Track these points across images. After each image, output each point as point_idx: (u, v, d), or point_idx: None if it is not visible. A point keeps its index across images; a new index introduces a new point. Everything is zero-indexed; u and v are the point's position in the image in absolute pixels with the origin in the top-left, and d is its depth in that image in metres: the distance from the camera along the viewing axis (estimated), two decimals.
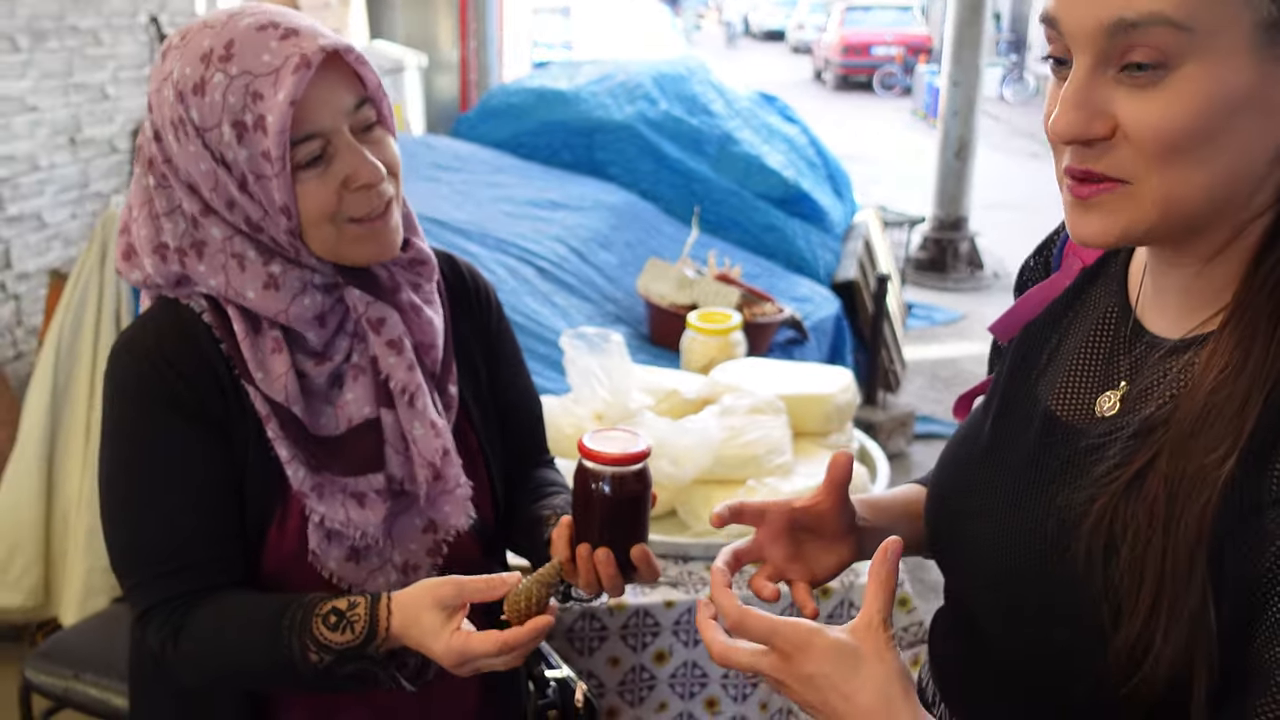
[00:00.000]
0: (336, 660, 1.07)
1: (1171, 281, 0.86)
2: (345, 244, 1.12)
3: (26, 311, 3.84)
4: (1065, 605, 0.82)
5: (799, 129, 5.30)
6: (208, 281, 1.11)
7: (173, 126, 1.07)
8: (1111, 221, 0.78)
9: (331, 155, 1.09)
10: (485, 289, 1.36)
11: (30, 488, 2.74)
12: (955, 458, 1.02)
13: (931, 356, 5.89)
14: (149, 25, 4.51)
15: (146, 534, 1.12)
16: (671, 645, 1.91)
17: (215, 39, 1.06)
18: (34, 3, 3.79)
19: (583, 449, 1.11)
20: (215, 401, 1.12)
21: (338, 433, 1.15)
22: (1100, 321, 0.93)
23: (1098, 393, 0.89)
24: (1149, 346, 0.87)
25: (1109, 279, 0.95)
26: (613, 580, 1.12)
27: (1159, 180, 0.76)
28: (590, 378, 2.11)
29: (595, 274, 3.72)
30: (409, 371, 1.16)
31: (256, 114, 1.04)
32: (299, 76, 1.03)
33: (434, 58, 6.74)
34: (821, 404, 2.22)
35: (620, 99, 4.86)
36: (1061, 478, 0.86)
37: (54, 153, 3.96)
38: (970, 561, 0.94)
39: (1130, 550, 0.76)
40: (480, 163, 4.53)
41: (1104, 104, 0.76)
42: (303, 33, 1.07)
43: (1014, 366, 0.99)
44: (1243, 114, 0.73)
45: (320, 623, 1.07)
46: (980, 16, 6.89)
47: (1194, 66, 0.73)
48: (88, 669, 2.09)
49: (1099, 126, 0.76)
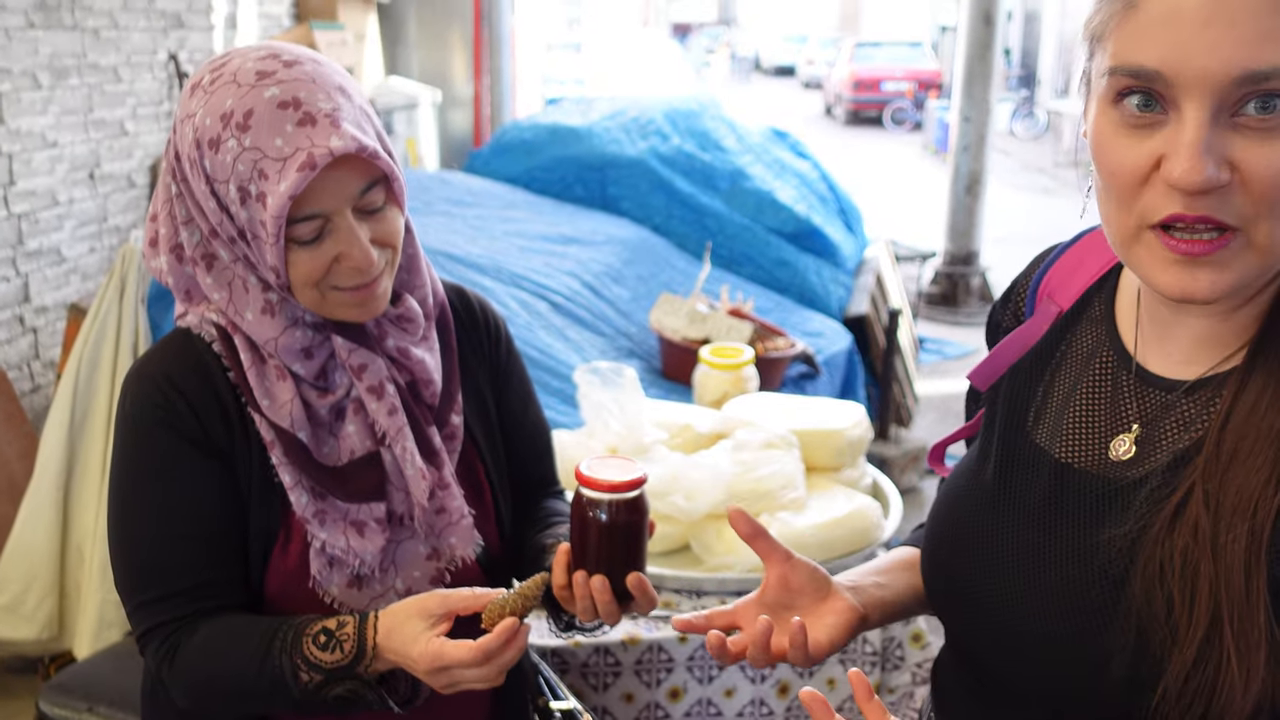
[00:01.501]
0: (326, 680, 1.09)
1: (1185, 327, 0.86)
2: (330, 306, 1.15)
3: (44, 345, 3.87)
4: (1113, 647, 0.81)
5: (810, 164, 5.33)
6: (212, 295, 1.15)
7: (189, 161, 1.10)
8: (1225, 275, 0.77)
9: (329, 233, 1.10)
10: (495, 320, 1.38)
11: (46, 520, 2.75)
12: (955, 510, 1.00)
13: (944, 391, 5.88)
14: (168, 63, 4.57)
15: (148, 557, 1.15)
16: (685, 682, 1.90)
17: (238, 102, 1.07)
18: (56, 40, 3.85)
19: (579, 476, 1.12)
20: (220, 430, 1.15)
21: (340, 463, 1.17)
22: (1095, 366, 0.92)
23: (1109, 437, 0.88)
24: (1160, 389, 0.87)
25: (1092, 322, 0.95)
26: (608, 608, 1.12)
27: (1267, 229, 0.75)
28: (603, 412, 2.12)
29: (608, 308, 3.73)
30: (389, 416, 1.18)
31: (260, 189, 1.06)
32: (302, 176, 1.05)
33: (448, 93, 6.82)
34: (834, 439, 2.22)
35: (633, 134, 4.90)
36: (1094, 523, 0.85)
37: (73, 188, 4.00)
38: (989, 613, 0.92)
39: (1180, 577, 0.76)
40: (494, 198, 4.56)
41: (1224, 150, 0.74)
42: (319, 124, 1.06)
43: (1006, 414, 0.98)
44: None
45: (310, 642, 1.10)
46: (990, 52, 6.93)
47: None
48: (101, 702, 2.09)
49: (1225, 174, 0.74)
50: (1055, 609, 0.86)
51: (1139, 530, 0.81)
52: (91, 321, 2.82)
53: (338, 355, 1.18)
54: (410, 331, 1.22)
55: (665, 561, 2.02)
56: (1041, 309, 0.99)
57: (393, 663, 1.10)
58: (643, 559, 1.15)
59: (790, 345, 3.42)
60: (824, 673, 1.94)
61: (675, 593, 1.98)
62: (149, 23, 4.42)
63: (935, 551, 1.01)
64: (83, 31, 3.99)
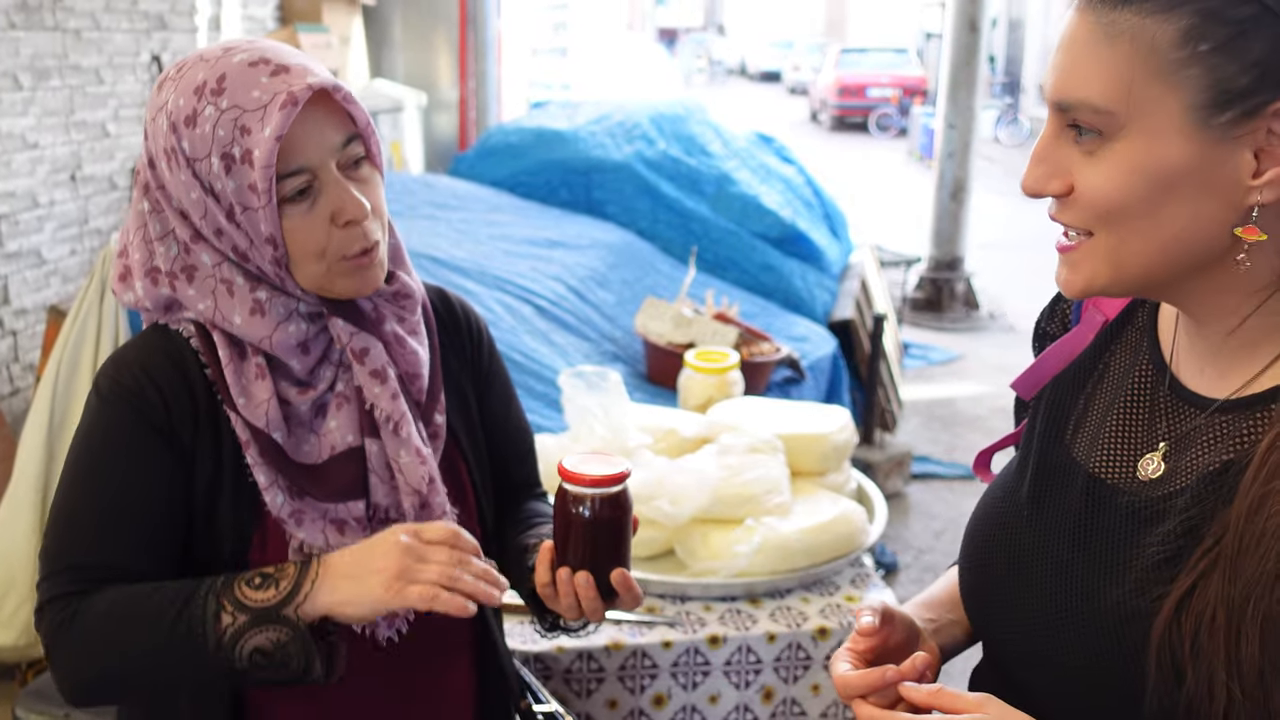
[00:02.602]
0: (250, 622, 1.03)
1: (1203, 342, 0.87)
2: (332, 279, 1.14)
3: (24, 348, 3.84)
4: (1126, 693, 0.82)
5: (796, 169, 5.33)
6: (196, 305, 1.13)
7: (165, 155, 1.09)
8: (1079, 274, 0.84)
9: (318, 190, 1.10)
10: (476, 322, 1.37)
11: (25, 524, 2.72)
12: (991, 522, 0.99)
13: (928, 396, 5.89)
14: (151, 64, 4.54)
15: (79, 527, 1.11)
16: (670, 688, 1.89)
17: (209, 72, 1.08)
18: (37, 41, 3.82)
19: (562, 471, 1.11)
20: (188, 427, 1.13)
21: (319, 461, 1.16)
22: (1134, 379, 0.92)
23: (1139, 454, 0.89)
24: (1191, 405, 0.87)
25: (1136, 333, 0.95)
26: (593, 604, 1.11)
27: (1105, 238, 0.81)
28: (588, 416, 2.11)
29: (593, 312, 3.73)
30: (393, 400, 1.17)
31: (244, 148, 1.06)
32: (285, 113, 1.05)
33: (433, 97, 6.80)
34: (819, 443, 2.22)
35: (618, 139, 4.89)
36: (1122, 543, 0.86)
37: (54, 189, 3.97)
38: (1018, 629, 0.92)
39: (1194, 671, 0.77)
40: (479, 201, 4.55)
41: (1064, 162, 0.82)
42: (293, 70, 1.08)
43: (1046, 425, 0.97)
44: (1182, 189, 0.77)
45: (244, 584, 1.06)
46: (975, 59, 6.95)
47: (1127, 141, 0.78)
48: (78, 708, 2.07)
49: (1056, 185, 0.82)
50: (1079, 633, 0.86)
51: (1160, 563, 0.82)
52: (71, 324, 2.80)
53: (338, 339, 1.17)
54: (408, 310, 1.22)
55: (650, 566, 2.01)
56: (1087, 318, 0.99)
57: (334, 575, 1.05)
58: (626, 555, 1.14)
59: (775, 350, 3.42)
60: (808, 678, 1.93)
61: (660, 598, 1.97)
62: (131, 24, 4.39)
63: (969, 562, 1.00)
64: (64, 32, 3.96)
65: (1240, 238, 0.78)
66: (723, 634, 1.89)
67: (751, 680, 1.92)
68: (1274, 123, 0.75)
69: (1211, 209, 0.78)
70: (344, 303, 1.17)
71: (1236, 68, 0.74)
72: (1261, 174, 0.76)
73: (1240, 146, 0.76)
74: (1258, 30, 0.73)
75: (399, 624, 1.19)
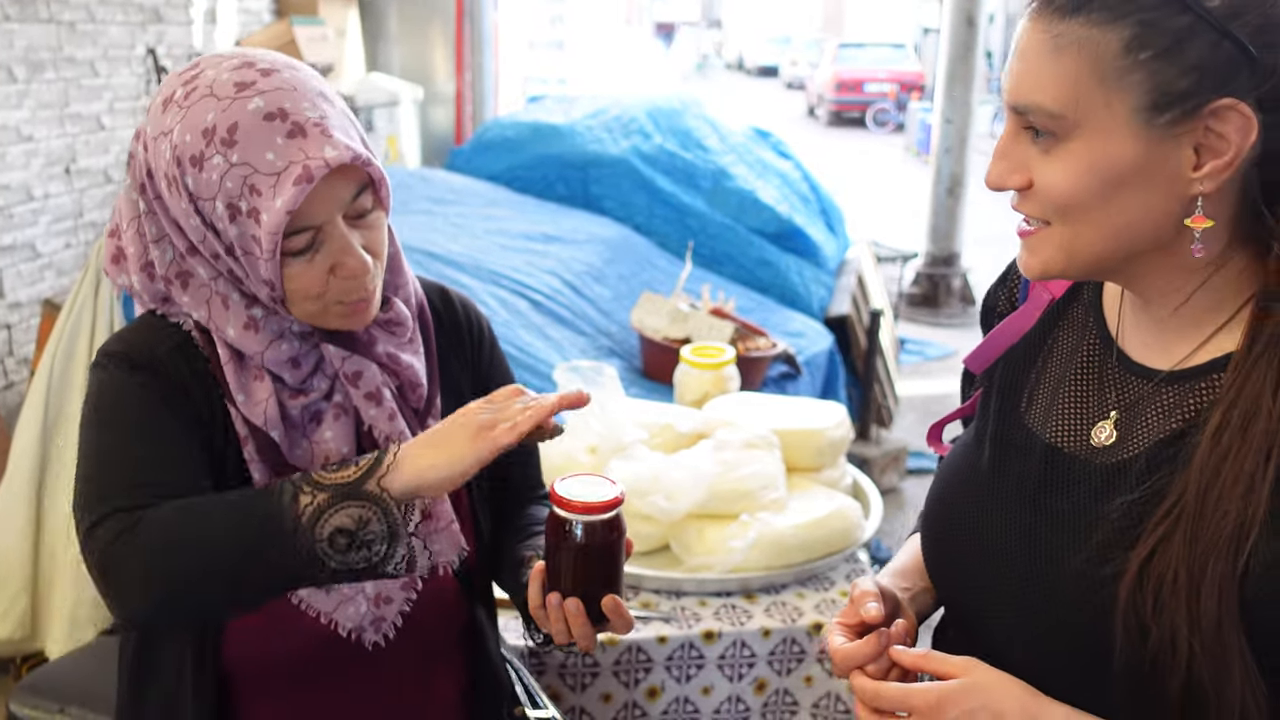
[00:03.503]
0: (330, 499, 0.99)
1: (1148, 317, 0.94)
2: (326, 318, 1.13)
3: (18, 341, 3.83)
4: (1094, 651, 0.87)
5: (793, 164, 5.33)
6: (192, 311, 1.12)
7: (166, 179, 1.07)
8: (1036, 259, 0.92)
9: (320, 242, 1.08)
10: (478, 321, 1.36)
11: (18, 518, 2.72)
12: (952, 492, 1.05)
13: (924, 392, 5.89)
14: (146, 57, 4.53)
15: (116, 464, 1.05)
16: (664, 681, 1.89)
17: (220, 116, 1.03)
18: (32, 33, 3.81)
19: (553, 496, 1.08)
20: (203, 408, 1.12)
21: (311, 467, 1.15)
22: (1083, 352, 1.00)
23: (1092, 423, 0.95)
24: (1138, 376, 0.94)
25: (1082, 309, 1.03)
26: (583, 630, 1.09)
27: (1060, 228, 0.89)
28: (583, 411, 2.10)
29: (589, 307, 3.72)
30: (390, 421, 1.17)
31: (251, 205, 1.04)
32: (299, 189, 1.02)
33: (430, 90, 6.78)
34: (814, 439, 2.22)
35: (615, 133, 4.89)
36: (1080, 507, 0.92)
37: (49, 182, 3.96)
38: (984, 591, 0.98)
39: (1158, 628, 0.83)
40: (475, 195, 4.54)
41: (1023, 158, 0.89)
42: (309, 137, 1.04)
43: (1001, 399, 1.03)
44: (1131, 183, 0.85)
45: (319, 470, 1.04)
46: (972, 54, 6.94)
47: (1079, 141, 0.85)
48: (73, 702, 2.07)
49: (1016, 179, 0.90)
50: (1045, 598, 0.91)
51: (1119, 531, 0.88)
52: (66, 317, 2.79)
53: (330, 363, 1.16)
54: (398, 335, 1.21)
55: (645, 561, 2.01)
56: (1034, 296, 1.06)
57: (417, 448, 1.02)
58: (619, 580, 1.11)
59: (771, 345, 3.42)
60: (801, 670, 1.93)
61: (655, 593, 1.97)
62: (126, 16, 4.38)
63: (933, 532, 1.06)
64: (59, 25, 3.95)
65: (1190, 227, 0.85)
66: (718, 629, 1.89)
67: (745, 673, 1.92)
68: (1210, 121, 0.82)
69: (1158, 200, 0.85)
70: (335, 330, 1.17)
71: (1175, 72, 0.81)
72: (1201, 167, 0.83)
73: (1181, 143, 0.83)
74: (1193, 38, 0.81)
75: (386, 629, 1.18)
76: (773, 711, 1.95)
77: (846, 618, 1.00)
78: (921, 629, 1.11)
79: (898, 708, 0.91)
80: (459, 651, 1.30)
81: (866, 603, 0.98)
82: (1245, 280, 0.89)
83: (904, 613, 1.05)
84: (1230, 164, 0.83)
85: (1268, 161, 0.84)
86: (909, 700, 0.90)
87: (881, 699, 0.92)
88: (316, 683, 1.19)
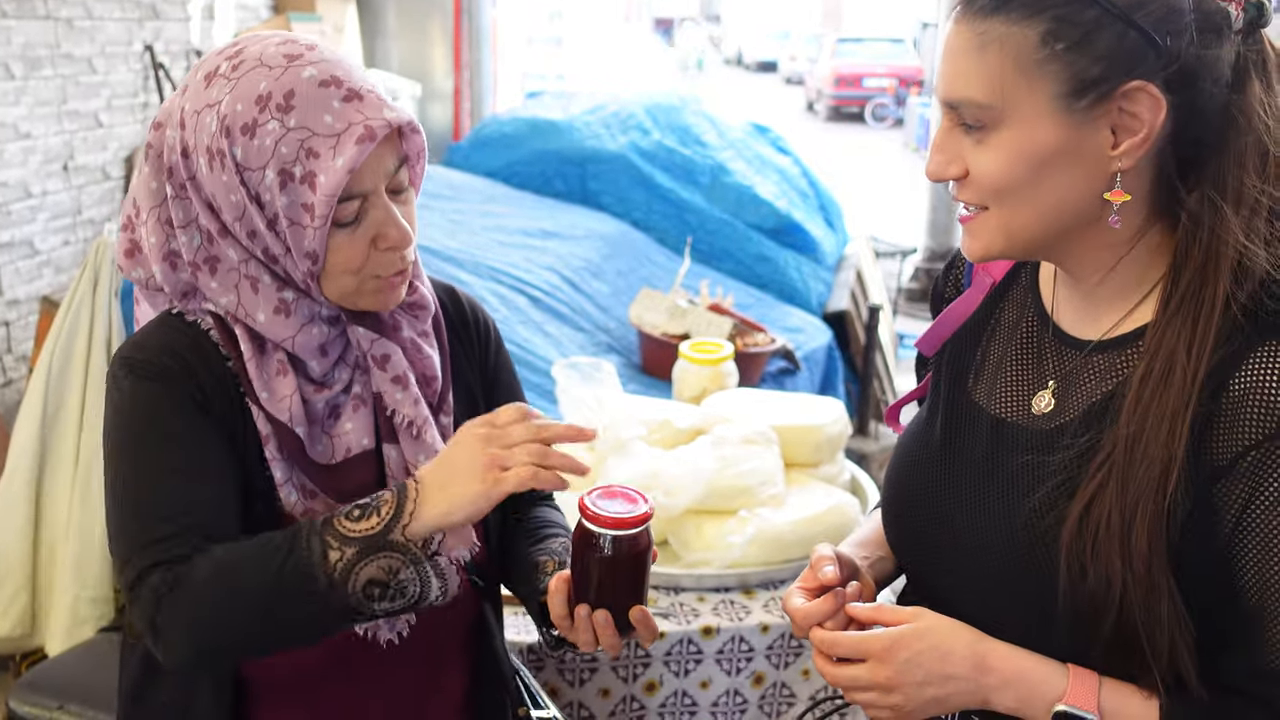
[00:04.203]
0: (359, 553, 1.00)
1: (1078, 292, 1.02)
2: (360, 294, 1.13)
3: (16, 339, 3.84)
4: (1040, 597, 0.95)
5: (791, 160, 5.32)
6: (218, 299, 1.11)
7: (207, 153, 1.06)
8: (973, 243, 0.99)
9: (365, 213, 1.09)
10: (485, 321, 1.37)
11: (18, 516, 2.72)
12: (907, 467, 1.13)
13: None
14: (144, 54, 4.53)
15: (152, 499, 1.06)
16: (662, 675, 1.90)
17: (274, 84, 1.04)
18: (29, 30, 3.81)
19: (583, 509, 1.09)
20: (225, 406, 1.11)
21: (333, 461, 1.15)
22: (1022, 329, 1.08)
23: (1031, 393, 1.04)
24: (1071, 347, 1.02)
25: (1020, 290, 1.11)
26: (611, 640, 1.11)
27: (996, 213, 0.96)
28: (582, 407, 2.11)
29: (587, 303, 3.72)
30: (415, 406, 1.17)
31: (307, 169, 1.04)
32: (361, 148, 1.03)
33: (428, 87, 6.78)
34: (813, 434, 2.22)
35: (613, 129, 4.88)
36: (1025, 470, 1.00)
37: (47, 180, 3.96)
38: (943, 557, 1.06)
39: (1094, 567, 0.91)
40: (473, 191, 4.54)
41: (958, 150, 0.96)
42: (366, 100, 1.06)
43: (950, 377, 1.12)
44: (1057, 164, 0.92)
45: (343, 519, 1.03)
46: None
47: (1007, 129, 0.92)
48: (73, 699, 2.07)
49: (954, 169, 0.97)
50: (997, 556, 0.99)
51: (1050, 505, 0.96)
52: (64, 315, 2.79)
53: (358, 346, 1.16)
54: (421, 319, 1.22)
55: None
56: (978, 281, 1.14)
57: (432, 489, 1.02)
58: (645, 591, 1.13)
59: (770, 341, 3.42)
60: (799, 664, 1.94)
61: (653, 589, 1.97)
62: (124, 13, 4.37)
63: (893, 504, 1.15)
64: (56, 21, 3.94)
65: (1109, 200, 0.92)
66: (716, 624, 1.89)
67: (743, 667, 1.92)
68: (1123, 102, 0.90)
69: (1082, 179, 0.93)
70: (362, 312, 1.17)
71: (1088, 60, 0.89)
72: (1119, 145, 0.91)
73: (1099, 125, 0.91)
74: (1101, 29, 0.89)
75: (401, 626, 1.18)
76: (770, 704, 1.96)
77: (805, 581, 1.07)
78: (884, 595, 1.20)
79: (853, 654, 0.99)
80: (467, 648, 1.31)
81: (823, 566, 1.06)
82: (1163, 253, 0.96)
83: (861, 578, 1.13)
84: (1145, 141, 0.90)
85: (1179, 138, 0.92)
86: (864, 646, 0.98)
87: (839, 647, 1.00)
88: (326, 678, 1.20)
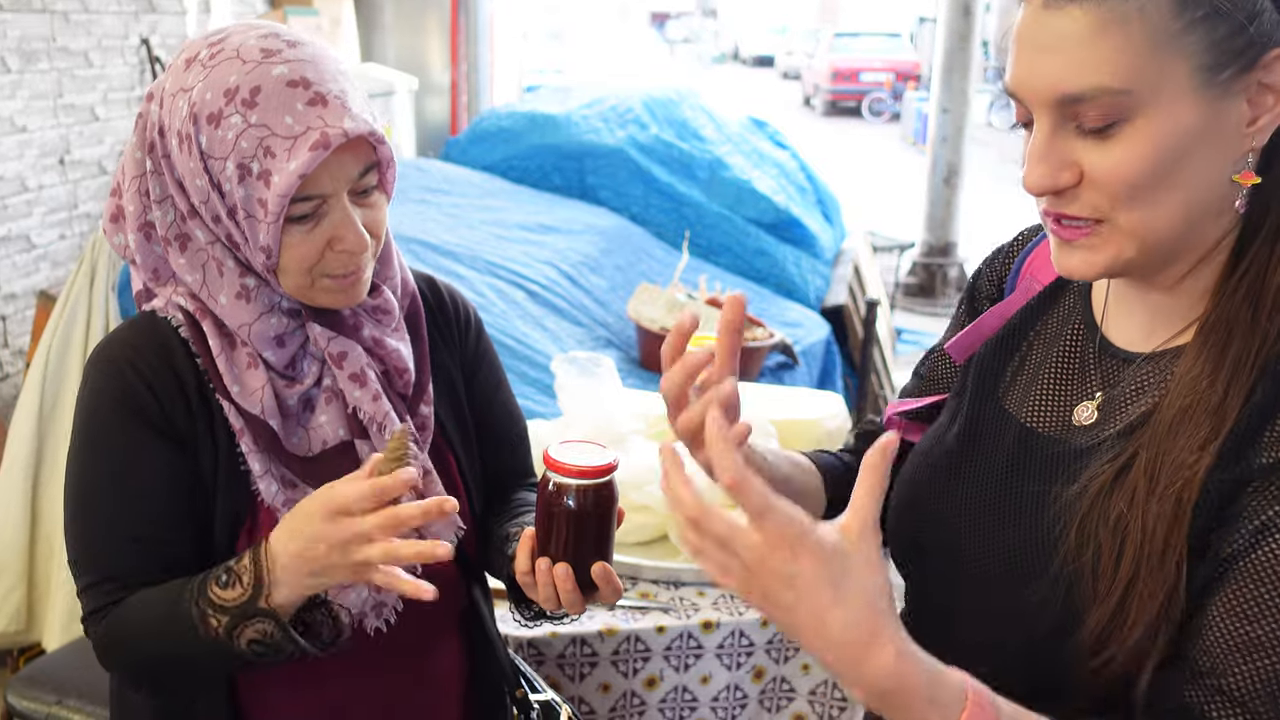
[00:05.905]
0: (234, 621, 1.04)
1: (1142, 302, 0.94)
2: (314, 292, 1.13)
3: (13, 333, 3.83)
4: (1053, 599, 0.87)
5: (789, 154, 5.32)
6: (184, 276, 1.12)
7: (178, 136, 1.07)
8: (1096, 257, 0.87)
9: (323, 214, 1.09)
10: (465, 309, 1.36)
11: (15, 511, 2.71)
12: (919, 473, 1.05)
13: None
14: (140, 47, 4.52)
15: (99, 542, 1.12)
16: (662, 670, 1.90)
17: (243, 78, 1.04)
18: (25, 24, 3.80)
19: (547, 460, 1.08)
20: (182, 417, 1.12)
21: (310, 454, 1.15)
22: (1066, 336, 1.00)
23: (1073, 404, 0.96)
24: (1120, 360, 0.94)
25: (1071, 298, 1.03)
26: (571, 597, 1.08)
27: (1127, 218, 0.84)
28: (580, 402, 2.10)
29: (586, 298, 3.72)
30: (375, 402, 1.16)
31: (264, 167, 1.04)
32: (314, 155, 1.03)
33: (425, 81, 6.76)
34: (811, 429, 2.22)
35: (611, 123, 4.88)
36: (1051, 481, 0.91)
37: (43, 174, 3.95)
38: (947, 568, 0.98)
39: (1110, 535, 0.84)
40: (471, 186, 4.53)
41: (1068, 155, 0.84)
42: (330, 105, 1.05)
43: (978, 383, 1.04)
44: (1196, 148, 0.82)
45: (214, 584, 1.05)
46: (969, 44, 6.94)
47: (1143, 119, 0.81)
48: (70, 694, 2.07)
49: (1066, 177, 0.84)
50: (1002, 562, 0.92)
51: (1083, 490, 0.88)
52: (61, 309, 2.79)
53: (315, 343, 1.16)
54: (384, 323, 1.21)
55: (642, 551, 2.01)
56: (1024, 286, 1.06)
57: (294, 574, 1.02)
58: (609, 548, 1.11)
59: (768, 335, 3.42)
60: (799, 658, 1.94)
61: (653, 583, 1.97)
62: (120, 7, 4.36)
63: (900, 514, 1.06)
64: (52, 15, 3.93)
65: (1238, 183, 0.84)
66: (716, 619, 1.89)
67: (743, 662, 1.92)
68: (1263, 74, 0.82)
69: (1218, 161, 0.84)
70: (323, 309, 1.17)
71: (1228, 28, 0.80)
72: (1255, 121, 0.83)
73: (1237, 99, 0.82)
74: None
75: (387, 614, 1.18)
76: (770, 698, 1.96)
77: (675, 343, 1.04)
78: None
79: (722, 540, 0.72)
80: (459, 633, 1.31)
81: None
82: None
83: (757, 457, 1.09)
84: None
85: None
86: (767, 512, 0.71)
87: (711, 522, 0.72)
88: (321, 667, 1.19)
